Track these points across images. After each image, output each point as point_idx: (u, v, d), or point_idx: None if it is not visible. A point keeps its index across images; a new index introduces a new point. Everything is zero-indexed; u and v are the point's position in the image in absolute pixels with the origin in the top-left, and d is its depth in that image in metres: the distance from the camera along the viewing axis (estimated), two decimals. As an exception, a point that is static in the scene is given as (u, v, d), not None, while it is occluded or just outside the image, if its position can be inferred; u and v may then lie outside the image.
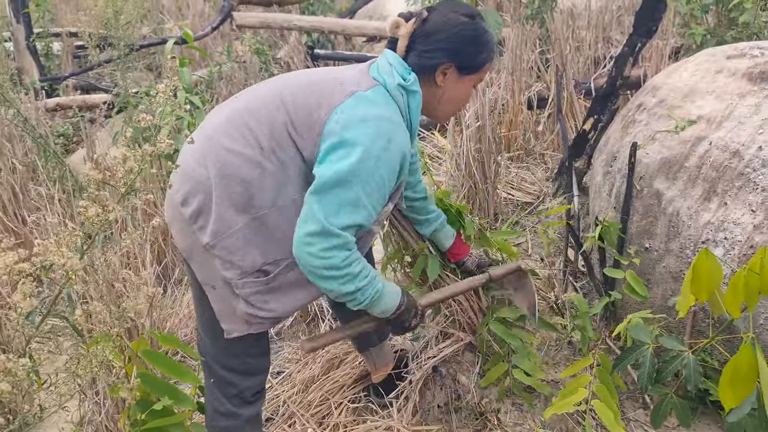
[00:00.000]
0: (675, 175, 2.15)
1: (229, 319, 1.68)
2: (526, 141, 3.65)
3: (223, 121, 1.65)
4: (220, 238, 1.60)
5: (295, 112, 1.60)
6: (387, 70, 1.68)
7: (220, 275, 1.63)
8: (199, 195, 1.60)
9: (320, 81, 1.67)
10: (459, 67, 1.70)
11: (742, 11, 3.74)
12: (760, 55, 2.26)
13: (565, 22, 4.33)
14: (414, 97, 1.69)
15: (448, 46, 1.67)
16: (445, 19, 1.68)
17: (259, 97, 1.68)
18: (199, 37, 6.06)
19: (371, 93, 1.62)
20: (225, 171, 1.58)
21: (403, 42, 1.70)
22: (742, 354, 1.33)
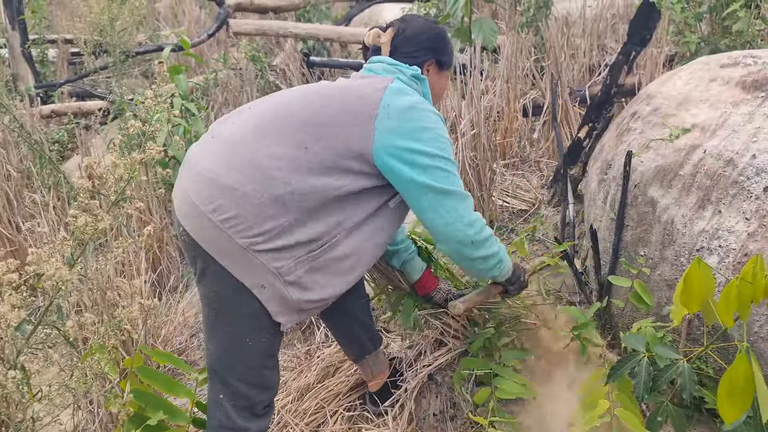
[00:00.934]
0: (669, 183, 2.15)
1: (283, 311, 1.71)
2: (522, 148, 3.66)
3: (253, 128, 1.71)
4: (267, 236, 1.63)
5: (342, 113, 1.72)
6: (391, 69, 1.89)
7: (268, 270, 1.65)
8: (239, 203, 1.62)
9: (340, 86, 1.83)
10: (439, 63, 2.00)
11: (735, 19, 3.76)
12: (753, 63, 2.27)
13: (560, 30, 4.34)
14: (425, 85, 1.93)
15: (430, 44, 1.97)
16: (421, 25, 1.99)
17: (287, 104, 1.77)
18: (195, 44, 6.07)
19: (397, 84, 1.81)
20: (268, 175, 1.63)
21: (386, 48, 1.95)
22: (738, 365, 1.33)
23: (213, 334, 1.77)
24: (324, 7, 7.07)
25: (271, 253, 1.64)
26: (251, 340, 1.72)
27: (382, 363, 2.28)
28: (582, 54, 4.57)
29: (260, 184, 1.62)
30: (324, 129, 1.69)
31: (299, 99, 1.78)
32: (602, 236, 2.40)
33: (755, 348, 1.87)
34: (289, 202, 1.64)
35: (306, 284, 1.70)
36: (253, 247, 1.62)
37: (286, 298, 1.69)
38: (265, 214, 1.62)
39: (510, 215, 3.18)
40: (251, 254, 1.63)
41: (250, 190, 1.62)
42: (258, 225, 1.62)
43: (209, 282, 1.71)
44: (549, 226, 3.06)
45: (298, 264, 1.67)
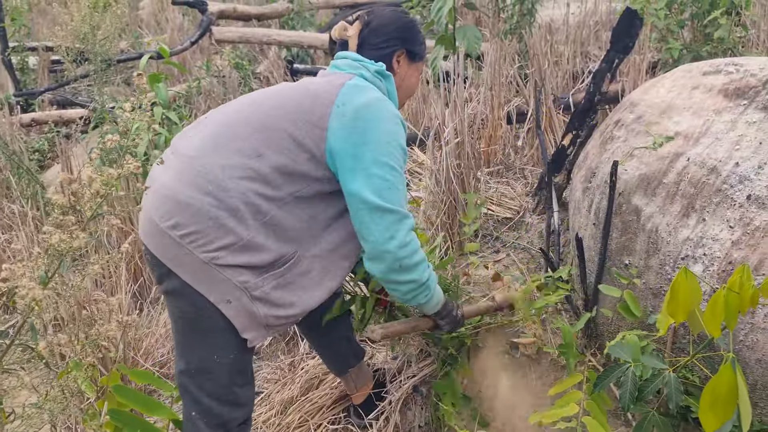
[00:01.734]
0: (654, 192, 2.15)
1: (251, 327, 1.67)
2: (506, 156, 3.66)
3: (207, 139, 1.65)
4: (228, 250, 1.59)
5: (294, 112, 1.66)
6: (355, 65, 1.82)
7: (233, 284, 1.61)
8: (196, 218, 1.58)
9: (297, 86, 1.78)
10: (410, 53, 1.92)
11: (716, 27, 3.79)
12: (735, 71, 2.28)
13: (543, 37, 4.35)
14: (390, 81, 1.86)
15: (399, 34, 1.89)
16: (389, 15, 1.91)
17: (237, 111, 1.71)
18: (177, 52, 6.02)
19: (357, 80, 1.75)
20: (224, 188, 1.58)
21: (353, 41, 1.88)
22: (722, 375, 1.32)
23: (182, 351, 1.73)
24: (308, 15, 7.05)
25: (236, 268, 1.60)
26: (219, 357, 1.67)
27: (365, 376, 2.25)
28: (566, 61, 4.59)
29: (215, 198, 1.58)
30: (275, 133, 1.63)
31: (251, 104, 1.72)
32: (587, 245, 2.39)
33: (740, 356, 1.87)
34: (247, 213, 1.59)
35: (274, 300, 1.66)
36: (216, 261, 1.58)
37: (254, 313, 1.64)
38: (224, 228, 1.58)
39: (495, 223, 3.17)
40: (215, 269, 1.59)
41: (205, 205, 1.57)
42: (218, 239, 1.58)
43: (175, 299, 1.67)
44: (534, 234, 3.05)
45: (265, 280, 1.64)
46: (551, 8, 6.22)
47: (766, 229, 1.88)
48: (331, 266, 1.74)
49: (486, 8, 5.81)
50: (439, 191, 2.89)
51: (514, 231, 3.11)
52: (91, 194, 1.33)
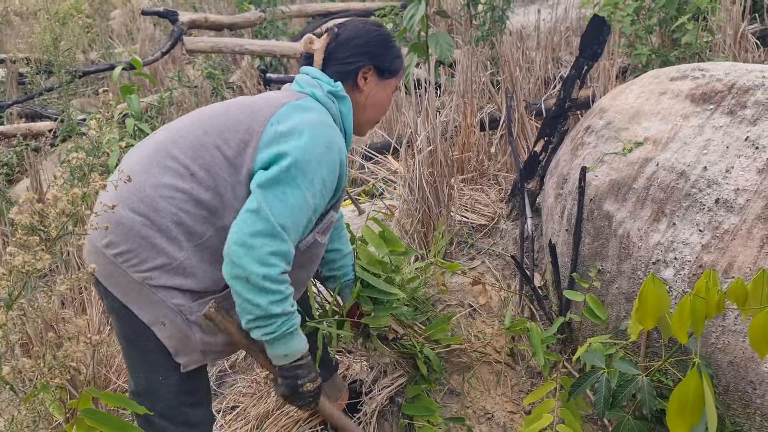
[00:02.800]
0: (624, 197, 2.17)
1: (185, 351, 1.62)
2: (480, 163, 3.66)
3: (143, 158, 1.60)
4: (162, 270, 1.54)
5: (227, 130, 1.59)
6: (311, 82, 1.74)
7: (168, 306, 1.56)
8: (128, 237, 1.54)
9: (244, 102, 1.70)
10: (378, 70, 1.80)
11: (684, 32, 3.84)
12: (701, 76, 2.31)
13: (514, 44, 4.38)
14: (345, 103, 1.76)
15: (367, 49, 1.78)
16: (358, 28, 1.80)
17: (179, 128, 1.65)
18: (148, 62, 5.97)
19: (302, 101, 1.67)
20: (155, 207, 1.53)
21: (319, 55, 1.78)
22: (689, 381, 1.33)
23: (130, 371, 1.70)
24: (280, 24, 7.03)
25: (170, 290, 1.55)
26: (163, 378, 1.63)
27: (339, 388, 2.23)
28: (538, 67, 4.62)
29: (146, 217, 1.53)
30: (208, 151, 1.57)
31: (194, 121, 1.66)
32: (560, 251, 2.40)
33: (712, 359, 1.89)
34: (179, 235, 1.54)
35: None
36: (149, 281, 1.54)
37: (189, 337, 1.59)
38: (156, 248, 1.53)
39: (469, 230, 3.17)
40: (148, 289, 1.54)
41: (137, 224, 1.53)
42: (150, 259, 1.53)
43: (115, 319, 1.63)
44: (509, 240, 3.06)
45: (201, 305, 1.58)
46: (522, 15, 6.28)
47: (734, 233, 1.90)
48: None
49: (458, 16, 5.84)
50: (412, 200, 2.88)
51: (488, 238, 3.11)
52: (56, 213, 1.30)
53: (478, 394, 2.34)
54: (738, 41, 4.47)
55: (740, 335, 1.82)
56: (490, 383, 2.38)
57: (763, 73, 2.17)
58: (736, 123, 2.08)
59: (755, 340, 1.32)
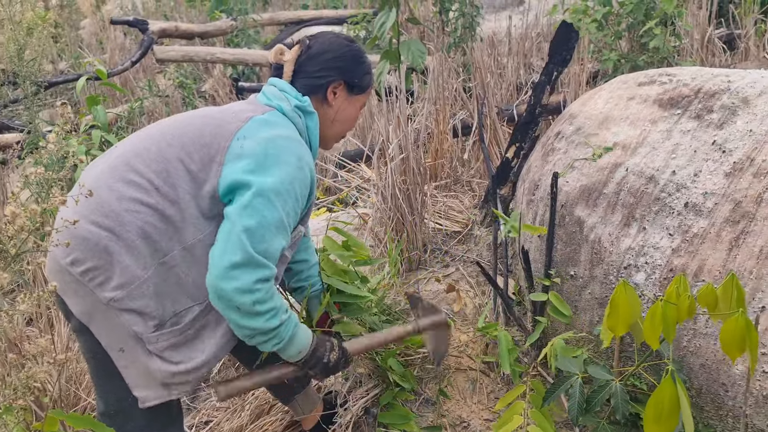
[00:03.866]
0: (595, 202, 2.17)
1: (145, 384, 1.55)
2: (453, 169, 3.67)
3: (106, 172, 1.56)
4: (127, 290, 1.49)
5: (191, 144, 1.55)
6: (278, 95, 1.71)
7: (129, 332, 1.51)
8: (93, 253, 1.49)
9: (209, 113, 1.66)
10: (348, 85, 1.78)
11: (652, 37, 3.88)
12: (668, 81, 2.33)
13: (485, 50, 4.40)
14: (311, 118, 1.73)
15: (338, 64, 1.75)
16: (330, 42, 1.77)
17: (142, 140, 1.61)
18: (118, 72, 5.89)
19: (268, 116, 1.64)
20: (120, 221, 1.49)
21: (289, 67, 1.76)
22: (664, 387, 1.33)
23: (98, 391, 1.64)
24: (252, 32, 6.99)
25: (133, 314, 1.50)
26: (134, 400, 1.57)
27: (313, 401, 2.20)
28: (509, 73, 4.65)
29: (112, 232, 1.49)
30: (171, 164, 1.53)
31: (156, 132, 1.61)
32: (533, 257, 2.40)
33: (684, 362, 1.89)
34: (143, 249, 1.50)
35: (170, 358, 1.55)
36: (115, 303, 1.49)
37: (149, 368, 1.53)
38: (121, 263, 1.49)
39: (443, 237, 3.16)
40: (113, 311, 1.50)
41: (103, 238, 1.48)
42: (116, 276, 1.48)
43: (82, 338, 1.58)
44: (483, 246, 3.05)
45: (161, 336, 1.53)
46: (494, 21, 6.32)
47: (703, 236, 1.91)
48: None
49: (430, 23, 5.86)
50: (386, 208, 2.87)
51: (463, 244, 3.11)
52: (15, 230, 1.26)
53: (454, 403, 2.33)
54: (705, 45, 4.54)
55: (711, 338, 1.83)
56: (465, 391, 2.37)
57: (728, 78, 2.20)
58: (703, 127, 2.10)
59: (726, 344, 1.33)
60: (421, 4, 6.04)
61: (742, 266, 1.81)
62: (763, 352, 1.72)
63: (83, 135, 3.48)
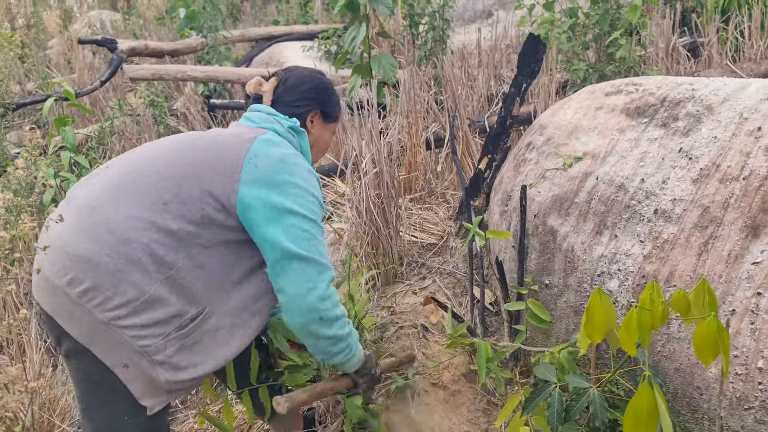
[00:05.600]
0: (567, 212, 2.20)
1: (151, 393, 1.58)
2: (427, 182, 3.69)
3: (108, 190, 1.58)
4: (132, 306, 1.50)
5: (202, 162, 1.62)
6: (267, 119, 1.81)
7: (134, 347, 1.52)
8: (94, 272, 1.49)
9: (208, 134, 1.75)
10: (324, 114, 1.94)
11: (618, 47, 3.96)
12: (634, 90, 2.37)
13: (455, 63, 4.44)
14: (303, 137, 1.86)
15: (315, 95, 1.91)
16: (304, 75, 1.93)
17: (143, 160, 1.65)
18: (87, 92, 5.83)
19: (270, 135, 1.74)
20: (125, 239, 1.51)
21: (267, 97, 1.89)
22: (641, 394, 1.34)
23: (88, 415, 1.63)
24: (223, 49, 6.97)
25: (137, 329, 1.52)
26: (129, 418, 1.59)
27: (292, 419, 2.18)
28: (480, 84, 4.70)
29: (115, 250, 1.50)
30: (181, 182, 1.59)
31: (156, 152, 1.68)
32: (508, 267, 2.42)
33: (660, 367, 1.91)
34: (150, 266, 1.52)
35: (177, 363, 1.58)
36: (117, 321, 1.50)
37: (154, 379, 1.56)
38: (126, 281, 1.50)
39: (419, 249, 3.17)
40: (114, 330, 1.50)
41: (104, 257, 1.49)
42: (120, 294, 1.49)
43: (76, 362, 1.58)
44: (459, 258, 3.07)
45: (168, 342, 1.56)
46: (463, 34, 6.39)
47: (674, 242, 1.94)
48: (242, 324, 1.67)
49: (400, 36, 5.90)
50: (361, 222, 2.87)
51: (438, 256, 3.12)
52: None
53: (435, 415, 2.32)
54: (670, 54, 4.64)
55: (685, 342, 1.86)
56: (446, 403, 2.37)
57: (693, 86, 2.25)
58: (670, 135, 2.14)
59: (699, 348, 1.35)
60: (391, 18, 6.09)
61: (711, 270, 1.84)
62: (736, 355, 1.75)
63: (52, 157, 3.44)
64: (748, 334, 1.73)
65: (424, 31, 5.39)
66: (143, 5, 11.37)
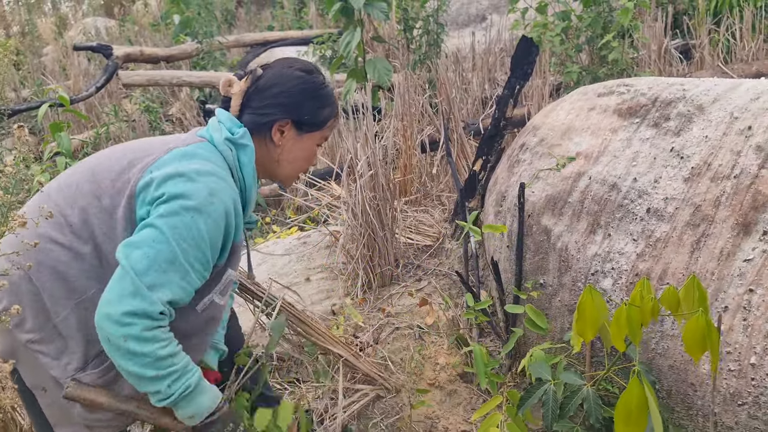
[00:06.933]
0: (561, 211, 2.22)
1: (67, 424, 1.50)
2: (422, 184, 3.71)
3: (34, 207, 1.49)
4: (43, 332, 1.43)
5: (104, 179, 1.47)
6: (215, 126, 1.58)
7: (49, 375, 1.45)
8: (10, 293, 1.43)
9: (141, 144, 1.58)
10: (297, 124, 1.63)
11: (610, 50, 3.99)
12: (626, 91, 2.39)
13: (450, 66, 4.46)
14: (244, 151, 1.57)
15: (284, 101, 1.60)
16: (279, 74, 1.62)
17: (75, 172, 1.54)
18: (82, 98, 5.84)
19: (192, 147, 1.51)
20: (35, 259, 1.41)
21: (236, 100, 1.62)
22: (632, 389, 1.36)
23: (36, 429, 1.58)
24: (218, 54, 6.99)
25: (47, 358, 1.44)
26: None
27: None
28: (475, 87, 4.73)
29: (26, 271, 1.41)
30: (86, 200, 1.46)
31: (83, 166, 1.55)
32: (503, 267, 2.43)
33: (653, 364, 1.93)
34: (58, 291, 1.42)
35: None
36: (32, 345, 1.43)
37: (68, 409, 1.46)
38: (34, 306, 1.42)
39: (415, 251, 3.19)
40: (32, 353, 1.44)
41: (18, 278, 1.41)
42: (30, 317, 1.43)
43: (14, 379, 1.49)
44: (455, 259, 3.08)
45: (83, 378, 1.45)
46: (457, 38, 6.42)
47: (666, 240, 1.96)
48: None
49: (395, 40, 5.93)
50: (356, 225, 2.88)
51: (434, 258, 3.13)
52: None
53: (431, 414, 2.34)
54: (662, 56, 4.68)
55: (678, 340, 1.87)
56: (442, 403, 2.38)
57: (683, 86, 2.27)
58: (661, 134, 2.16)
59: (689, 344, 1.36)
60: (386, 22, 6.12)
61: (703, 268, 1.86)
62: (729, 351, 1.76)
63: (47, 163, 3.45)
64: (741, 330, 1.75)
65: (419, 35, 5.41)
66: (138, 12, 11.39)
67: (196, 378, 1.45)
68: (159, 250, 1.35)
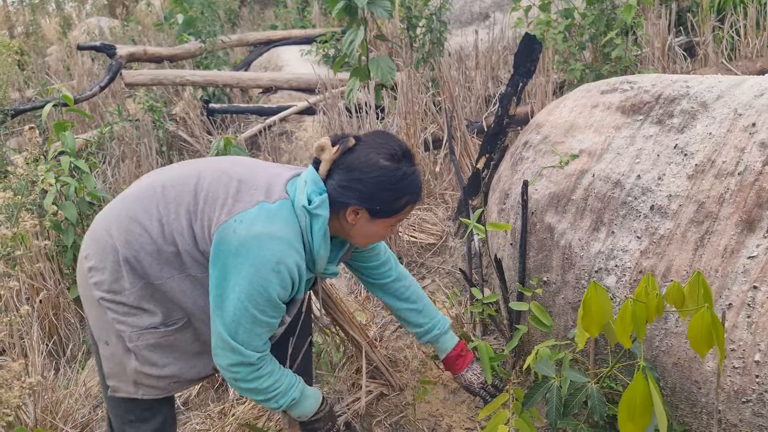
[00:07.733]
0: (564, 209, 2.21)
1: (119, 377, 1.75)
2: (426, 182, 3.70)
3: (136, 193, 1.73)
4: (114, 294, 1.67)
5: (204, 201, 1.66)
6: (300, 187, 1.66)
7: (114, 329, 1.69)
8: (99, 255, 1.68)
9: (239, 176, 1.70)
10: (371, 212, 1.66)
11: (613, 47, 3.98)
12: (630, 89, 2.39)
13: (453, 65, 4.46)
14: (317, 221, 1.64)
15: (363, 189, 1.62)
16: (364, 159, 1.63)
17: (179, 176, 1.73)
18: (86, 98, 5.85)
19: (276, 206, 1.63)
20: (126, 239, 1.66)
21: (325, 166, 1.66)
22: (636, 385, 1.35)
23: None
24: (221, 53, 6.99)
25: (118, 314, 1.68)
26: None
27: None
28: (478, 85, 4.72)
29: (120, 244, 1.66)
30: (180, 208, 1.67)
31: (190, 173, 1.74)
32: (507, 265, 2.43)
33: (657, 362, 1.93)
34: (138, 270, 1.67)
35: (146, 358, 1.72)
36: (104, 302, 1.68)
37: (124, 364, 1.72)
38: (118, 273, 1.67)
39: (418, 249, 3.19)
40: (103, 309, 1.68)
41: (108, 245, 1.67)
42: (110, 282, 1.67)
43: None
44: (458, 257, 3.08)
45: (142, 336, 1.70)
46: (461, 36, 6.41)
47: (670, 237, 1.96)
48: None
49: (398, 39, 5.92)
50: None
51: (438, 256, 3.13)
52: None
53: (435, 412, 2.34)
54: (666, 53, 4.66)
55: (682, 337, 1.87)
56: (446, 401, 2.38)
57: (687, 83, 2.26)
58: (665, 132, 2.15)
59: (694, 340, 1.36)
60: (389, 21, 6.11)
61: (708, 265, 1.86)
62: (733, 348, 1.76)
63: (52, 162, 3.45)
64: (745, 327, 1.74)
65: (422, 33, 5.41)
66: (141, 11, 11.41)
67: (298, 392, 1.80)
68: (242, 316, 1.61)
